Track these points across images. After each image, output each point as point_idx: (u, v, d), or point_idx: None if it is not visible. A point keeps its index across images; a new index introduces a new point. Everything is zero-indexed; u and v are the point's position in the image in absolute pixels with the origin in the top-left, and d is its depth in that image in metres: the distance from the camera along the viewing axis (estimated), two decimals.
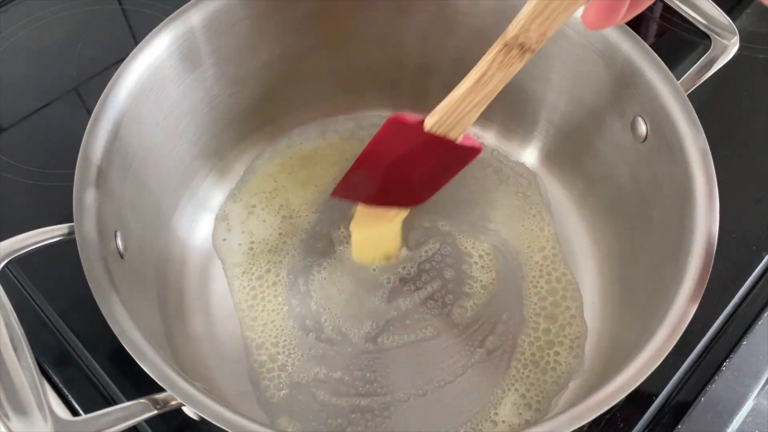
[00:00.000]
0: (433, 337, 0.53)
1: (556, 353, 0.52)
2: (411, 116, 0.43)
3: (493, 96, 0.41)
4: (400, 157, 0.46)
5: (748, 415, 0.51)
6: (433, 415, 0.50)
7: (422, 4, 0.57)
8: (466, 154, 0.46)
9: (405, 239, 0.57)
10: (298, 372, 0.52)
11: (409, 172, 0.47)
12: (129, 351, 0.38)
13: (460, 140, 0.44)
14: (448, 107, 0.42)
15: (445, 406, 0.51)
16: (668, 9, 0.55)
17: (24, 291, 0.54)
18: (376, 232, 0.54)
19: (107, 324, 0.39)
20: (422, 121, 0.43)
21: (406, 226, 0.59)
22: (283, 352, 0.52)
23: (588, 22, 0.33)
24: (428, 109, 0.64)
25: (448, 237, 0.58)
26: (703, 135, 0.46)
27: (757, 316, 0.54)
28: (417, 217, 0.59)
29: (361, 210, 0.53)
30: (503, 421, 0.50)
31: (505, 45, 0.37)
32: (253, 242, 0.57)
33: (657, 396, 0.51)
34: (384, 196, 0.50)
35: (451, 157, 0.47)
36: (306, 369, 0.52)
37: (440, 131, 0.43)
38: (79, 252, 0.41)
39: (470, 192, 0.61)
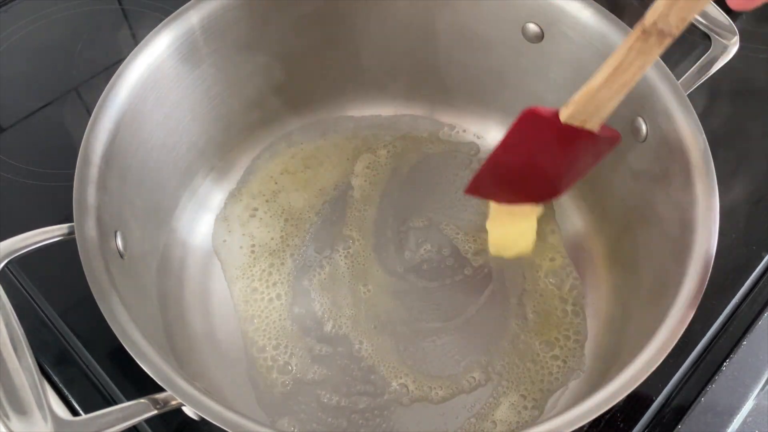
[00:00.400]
0: (433, 338, 0.53)
1: (555, 353, 0.52)
2: (546, 109, 0.42)
3: (633, 84, 0.40)
4: (536, 152, 0.45)
5: (748, 415, 0.51)
6: (434, 416, 0.50)
7: (423, 5, 0.57)
8: (605, 143, 0.45)
9: (405, 241, 0.57)
10: (299, 372, 0.52)
11: (546, 165, 0.46)
12: (129, 351, 0.38)
13: (597, 130, 0.43)
14: (585, 97, 0.41)
15: (446, 406, 0.51)
16: None
17: (24, 291, 0.54)
18: (513, 229, 0.52)
19: (107, 324, 0.39)
20: (557, 113, 0.42)
21: (407, 225, 0.59)
22: (284, 353, 0.52)
23: (736, 3, 0.33)
24: (429, 108, 0.65)
25: (448, 237, 0.58)
26: (703, 135, 0.46)
27: (757, 316, 0.54)
28: (417, 216, 0.59)
29: (495, 207, 0.51)
30: (502, 421, 0.50)
31: (644, 32, 0.37)
32: (254, 245, 0.57)
33: (657, 396, 0.51)
34: (519, 192, 0.48)
35: (588, 148, 0.45)
36: (306, 369, 0.52)
37: (577, 122, 0.42)
38: (79, 252, 0.41)
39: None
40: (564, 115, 0.42)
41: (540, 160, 0.45)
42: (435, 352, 0.53)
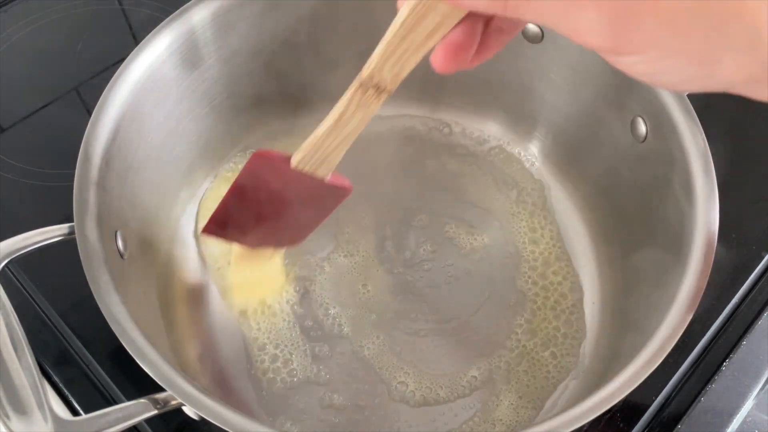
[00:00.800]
0: (433, 337, 0.53)
1: (554, 353, 0.52)
2: (277, 152, 0.43)
3: (356, 135, 0.40)
4: (270, 195, 0.45)
5: (747, 416, 0.51)
6: (433, 415, 0.50)
7: None
8: (336, 193, 0.46)
9: (405, 241, 0.56)
10: (299, 372, 0.51)
11: (281, 210, 0.46)
12: (129, 351, 0.38)
13: (328, 178, 0.44)
14: (313, 145, 0.41)
15: (445, 406, 0.51)
16: None
17: (24, 291, 0.54)
18: (256, 274, 0.53)
19: (107, 324, 0.39)
20: (289, 158, 0.42)
21: (407, 225, 0.59)
22: (283, 353, 0.52)
23: (436, 64, 0.33)
24: (429, 108, 0.65)
25: (447, 237, 0.58)
26: (703, 135, 0.46)
27: (757, 316, 0.54)
28: (417, 216, 0.59)
29: (237, 251, 0.51)
30: (501, 421, 0.50)
31: (361, 85, 0.37)
32: None
33: (657, 396, 0.51)
34: (258, 235, 0.49)
35: (321, 196, 0.46)
36: (307, 369, 0.52)
37: (307, 168, 0.42)
38: (79, 252, 0.41)
39: (470, 192, 0.61)
40: (294, 160, 0.42)
41: (275, 203, 0.45)
42: (434, 352, 0.53)
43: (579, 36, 0.26)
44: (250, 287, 0.54)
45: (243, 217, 0.47)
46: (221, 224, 0.47)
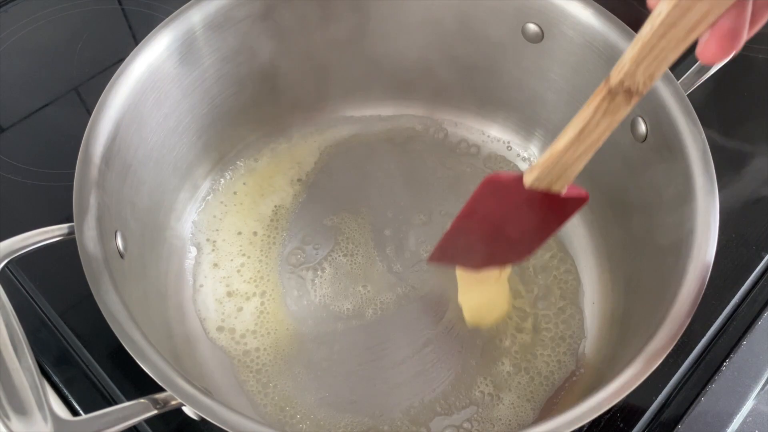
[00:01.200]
0: (433, 336, 0.53)
1: (554, 353, 0.52)
2: (508, 174, 0.40)
3: (600, 144, 0.37)
4: (500, 218, 0.43)
5: (747, 416, 0.51)
6: (433, 416, 0.50)
7: (423, 5, 0.57)
8: (572, 204, 0.42)
9: (405, 241, 0.56)
10: (298, 371, 0.51)
11: (511, 230, 0.44)
12: (129, 351, 0.38)
13: (564, 192, 0.40)
14: (550, 161, 0.38)
15: (445, 406, 0.51)
16: None
17: (24, 291, 0.54)
18: (485, 296, 0.50)
19: (107, 324, 0.39)
20: (521, 178, 0.40)
21: (407, 225, 0.59)
22: (282, 352, 0.52)
23: (708, 56, 0.30)
24: (429, 108, 0.65)
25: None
26: (703, 135, 0.46)
27: (757, 316, 0.54)
28: (417, 216, 0.59)
29: (462, 275, 0.50)
30: (501, 421, 0.50)
31: (609, 92, 0.34)
32: (254, 245, 0.57)
33: (657, 396, 0.51)
34: (484, 257, 0.46)
35: (555, 209, 0.42)
36: (306, 367, 0.52)
37: (542, 186, 0.39)
38: (79, 252, 0.41)
39: (470, 192, 0.60)
40: (528, 180, 0.39)
41: (505, 225, 0.43)
42: (434, 352, 0.53)
43: None
44: (482, 310, 0.52)
45: (471, 241, 0.45)
46: (448, 251, 0.46)
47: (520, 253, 0.46)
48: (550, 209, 0.42)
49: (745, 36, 0.30)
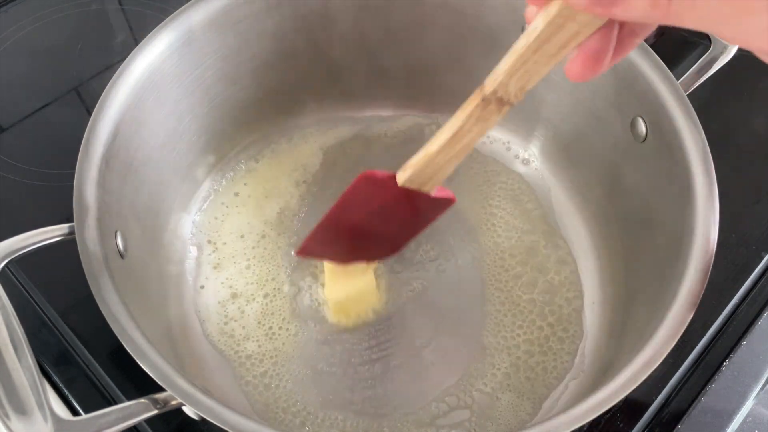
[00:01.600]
0: (433, 336, 0.53)
1: (553, 353, 0.52)
2: (382, 172, 0.42)
3: (470, 149, 0.39)
4: (372, 213, 0.45)
5: (747, 416, 0.51)
6: (433, 416, 0.50)
7: (423, 5, 0.57)
8: (440, 204, 0.45)
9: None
10: (296, 370, 0.51)
11: (381, 225, 0.46)
12: (129, 351, 0.38)
13: (434, 193, 0.43)
14: (423, 162, 0.40)
15: (445, 405, 0.51)
16: None
17: (24, 291, 0.54)
18: (353, 290, 0.52)
19: (107, 324, 0.39)
20: (394, 176, 0.42)
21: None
22: (279, 351, 0.52)
23: (573, 75, 0.32)
24: (429, 108, 0.65)
25: (448, 236, 0.58)
26: (703, 135, 0.46)
27: (757, 316, 0.54)
28: None
29: (329, 268, 0.51)
30: (500, 420, 0.50)
31: (483, 99, 0.36)
32: (253, 244, 0.57)
33: (657, 396, 0.51)
34: (353, 252, 0.49)
35: (424, 209, 0.45)
36: (304, 366, 0.52)
37: (414, 185, 0.42)
38: (79, 252, 0.41)
39: (469, 192, 0.61)
40: (401, 179, 0.41)
41: (376, 220, 0.45)
42: (434, 352, 0.53)
43: (745, 40, 0.26)
44: (350, 306, 0.53)
45: (341, 235, 0.47)
46: (318, 244, 0.47)
47: (388, 249, 0.49)
48: (420, 208, 0.45)
49: (608, 60, 0.32)
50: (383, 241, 0.48)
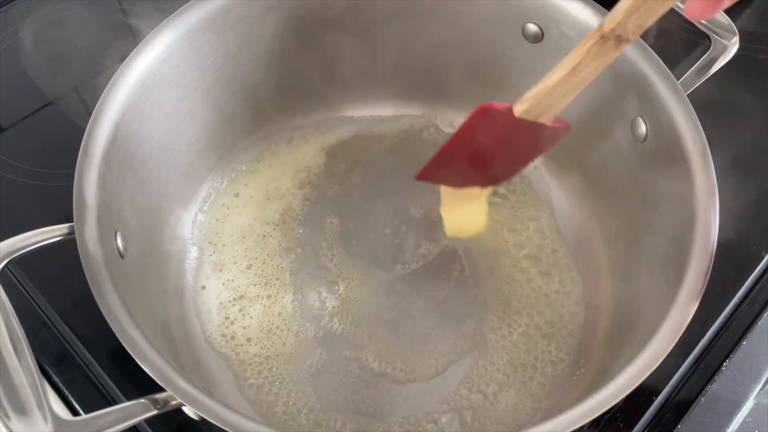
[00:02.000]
0: (433, 336, 0.53)
1: (553, 352, 0.52)
2: (500, 104, 0.44)
3: (586, 84, 0.41)
4: (489, 142, 0.46)
5: (748, 415, 0.51)
6: (432, 416, 0.50)
7: (423, 5, 0.57)
8: (555, 134, 0.47)
9: (405, 240, 0.56)
10: (295, 369, 0.51)
11: (496, 154, 0.48)
12: (129, 351, 0.38)
13: (549, 123, 0.45)
14: (540, 94, 0.42)
15: (445, 406, 0.50)
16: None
17: (24, 291, 0.54)
18: (465, 211, 0.53)
19: (107, 324, 0.39)
20: (512, 108, 0.43)
21: (406, 224, 0.59)
22: (278, 351, 0.52)
23: (693, 13, 0.33)
24: (429, 108, 0.65)
25: (447, 236, 0.58)
26: (703, 135, 0.46)
27: (757, 316, 0.54)
28: (417, 216, 0.59)
29: (446, 191, 0.52)
30: (500, 420, 0.50)
31: (602, 37, 0.38)
32: (253, 245, 0.57)
33: (657, 396, 0.51)
34: (469, 177, 0.50)
35: (539, 138, 0.47)
36: (302, 365, 0.52)
37: (530, 116, 0.43)
38: (79, 252, 0.41)
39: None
40: (518, 111, 0.43)
41: (491, 149, 0.47)
42: (434, 353, 0.53)
43: None
44: (461, 224, 0.54)
45: (458, 162, 0.48)
46: (436, 170, 0.49)
47: (501, 175, 0.51)
48: (535, 138, 0.46)
49: None
50: (497, 168, 0.50)
